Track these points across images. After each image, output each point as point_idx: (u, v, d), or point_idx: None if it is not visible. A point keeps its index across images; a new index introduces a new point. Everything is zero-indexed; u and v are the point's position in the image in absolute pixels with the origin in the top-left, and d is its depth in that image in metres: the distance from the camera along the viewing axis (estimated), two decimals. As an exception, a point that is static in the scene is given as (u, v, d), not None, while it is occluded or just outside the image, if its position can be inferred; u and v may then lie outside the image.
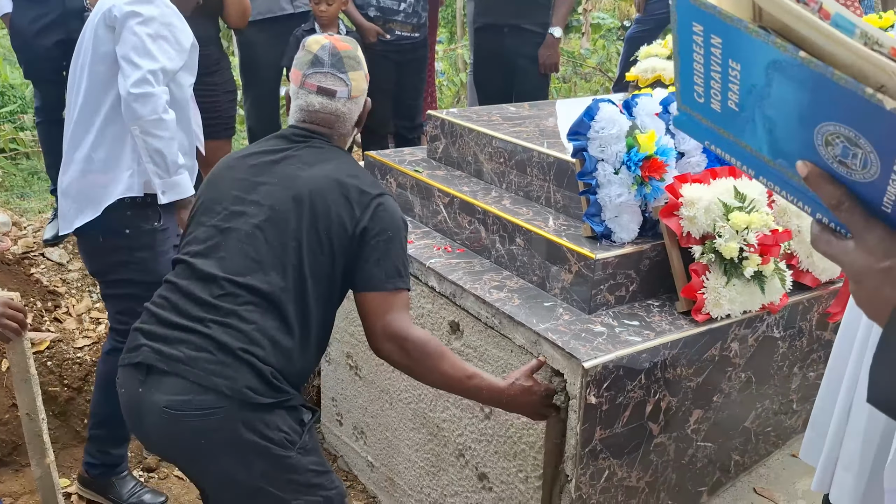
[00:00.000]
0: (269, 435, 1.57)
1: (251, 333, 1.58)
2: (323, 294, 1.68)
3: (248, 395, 1.55)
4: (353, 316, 2.59)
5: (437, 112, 2.72)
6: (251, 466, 1.57)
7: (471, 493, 2.17)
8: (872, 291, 0.63)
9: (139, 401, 1.60)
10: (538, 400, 1.72)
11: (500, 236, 2.18)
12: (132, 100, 2.15)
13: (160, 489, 2.68)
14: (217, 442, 1.55)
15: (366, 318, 1.69)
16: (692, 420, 2.00)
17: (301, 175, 1.70)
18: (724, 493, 2.18)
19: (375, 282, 1.66)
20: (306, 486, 1.64)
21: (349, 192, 1.68)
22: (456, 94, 7.60)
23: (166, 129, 2.21)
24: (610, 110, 1.94)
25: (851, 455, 1.63)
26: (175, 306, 1.63)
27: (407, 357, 1.66)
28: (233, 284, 1.61)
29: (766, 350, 2.11)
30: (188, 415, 1.53)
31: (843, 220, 0.64)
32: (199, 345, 1.57)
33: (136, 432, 1.70)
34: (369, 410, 2.63)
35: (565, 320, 1.90)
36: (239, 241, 1.65)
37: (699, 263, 1.90)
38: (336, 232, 1.66)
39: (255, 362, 1.57)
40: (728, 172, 2.00)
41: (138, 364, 1.60)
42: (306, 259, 1.64)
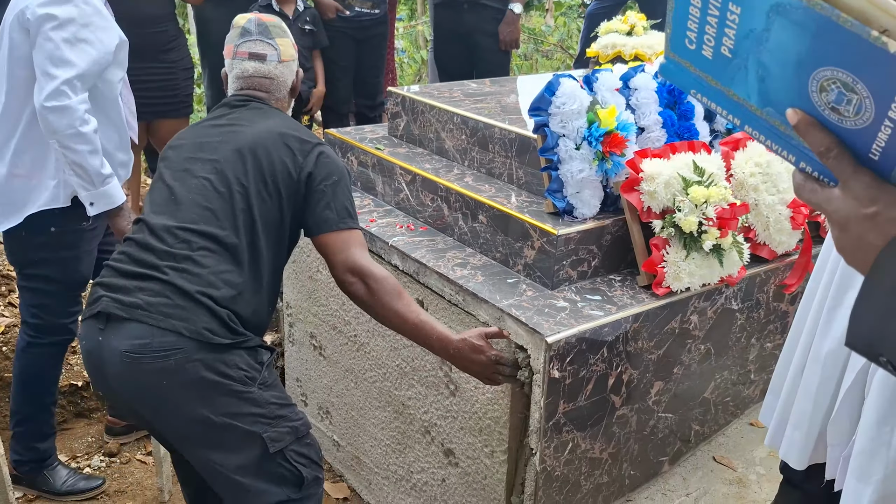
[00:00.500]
0: (229, 373, 1.63)
1: (207, 277, 1.65)
2: (273, 238, 1.77)
3: (207, 335, 1.61)
4: (316, 296, 2.57)
5: (399, 89, 2.70)
6: (213, 404, 1.63)
7: (437, 469, 2.18)
8: (857, 238, 0.64)
9: (100, 350, 1.63)
10: (486, 361, 1.70)
11: (463, 213, 2.17)
12: (47, 113, 2.04)
13: (123, 474, 2.65)
14: (178, 382, 1.60)
15: (329, 258, 1.78)
16: (653, 392, 2.03)
17: (243, 130, 1.81)
18: (685, 461, 2.23)
19: (330, 223, 1.77)
20: (272, 418, 1.70)
21: (290, 141, 1.80)
22: (417, 73, 7.54)
23: (86, 141, 2.09)
24: (571, 85, 1.94)
25: (802, 414, 1.71)
26: (132, 258, 1.70)
27: (368, 291, 1.73)
28: (186, 232, 1.69)
29: (725, 322, 2.15)
30: (148, 357, 1.58)
31: (831, 167, 0.64)
32: (157, 290, 1.63)
33: (99, 385, 1.73)
34: (334, 390, 2.62)
35: (528, 296, 1.91)
36: (189, 193, 1.74)
37: (659, 238, 1.92)
38: (281, 178, 1.76)
39: (211, 305, 1.63)
40: (687, 147, 2.02)
41: (98, 314, 1.64)
42: (255, 204, 1.74)
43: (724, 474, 2.18)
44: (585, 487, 1.97)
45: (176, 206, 1.73)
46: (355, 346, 2.43)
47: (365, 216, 2.36)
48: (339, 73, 4.06)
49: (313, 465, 1.78)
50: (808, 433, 1.71)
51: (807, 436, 1.71)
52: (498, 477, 1.94)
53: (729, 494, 2.11)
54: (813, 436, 1.71)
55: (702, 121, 2.21)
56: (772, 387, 1.86)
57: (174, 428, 1.71)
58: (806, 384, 1.71)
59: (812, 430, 1.70)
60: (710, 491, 2.12)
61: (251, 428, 1.66)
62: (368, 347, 2.36)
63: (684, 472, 2.20)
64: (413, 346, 2.15)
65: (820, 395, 1.67)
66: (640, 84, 2.11)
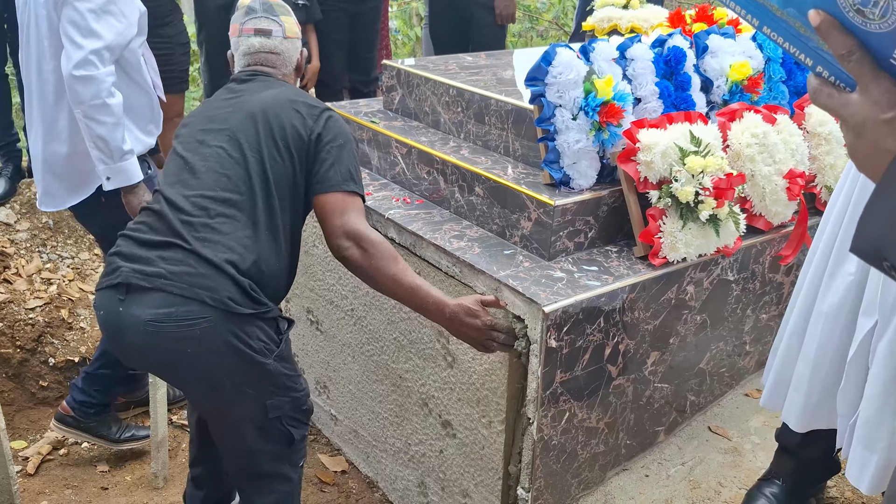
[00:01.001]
0: (250, 343, 1.68)
1: (227, 242, 1.68)
2: (288, 201, 1.80)
3: (230, 304, 1.64)
4: (312, 271, 2.57)
5: (393, 62, 2.68)
6: (231, 372, 1.68)
7: (435, 440, 2.20)
8: (872, 143, 0.63)
9: (119, 319, 1.66)
10: (481, 326, 1.70)
11: (460, 186, 2.17)
12: (74, 82, 2.06)
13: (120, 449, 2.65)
14: (201, 350, 1.64)
15: (325, 219, 1.78)
16: (649, 362, 2.04)
17: (251, 98, 1.86)
18: (681, 431, 2.25)
19: (332, 182, 1.78)
20: (280, 389, 1.77)
21: (299, 106, 1.84)
22: (412, 51, 7.49)
23: (110, 114, 2.11)
24: (567, 55, 1.93)
25: (801, 378, 1.74)
26: (151, 227, 1.72)
27: (363, 256, 1.73)
28: (204, 199, 1.72)
29: (721, 293, 2.16)
30: (171, 325, 1.61)
31: (851, 71, 0.64)
32: (180, 259, 1.65)
33: (119, 353, 1.78)
34: (331, 365, 2.63)
35: (525, 267, 1.91)
36: (204, 161, 1.77)
37: (656, 208, 1.92)
38: (293, 140, 1.79)
39: (233, 273, 1.66)
40: (684, 118, 2.02)
41: (118, 285, 1.65)
42: (269, 167, 1.77)
43: (719, 444, 2.20)
44: (582, 456, 1.98)
45: (191, 175, 1.76)
46: (352, 320, 2.43)
47: (361, 190, 2.36)
48: (332, 47, 4.03)
49: (302, 426, 1.87)
50: (807, 396, 1.73)
51: (806, 398, 1.74)
52: (495, 447, 1.96)
53: (724, 463, 2.13)
54: (812, 399, 1.74)
55: (698, 91, 2.20)
56: (772, 349, 1.89)
57: (188, 390, 1.80)
58: (805, 348, 1.73)
59: (811, 393, 1.73)
60: (706, 460, 2.14)
61: (259, 395, 1.74)
62: (366, 321, 2.37)
63: (680, 441, 2.21)
64: (410, 319, 2.16)
65: (819, 357, 1.70)
66: (636, 54, 2.10)
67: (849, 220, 1.59)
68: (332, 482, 2.56)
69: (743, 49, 2.30)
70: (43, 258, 3.21)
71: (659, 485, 2.06)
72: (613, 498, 2.03)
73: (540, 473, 1.89)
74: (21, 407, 2.78)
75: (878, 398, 1.51)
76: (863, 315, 1.58)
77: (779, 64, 2.38)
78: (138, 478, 2.55)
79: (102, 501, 2.43)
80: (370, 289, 2.27)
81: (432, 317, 1.74)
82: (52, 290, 3.07)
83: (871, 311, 1.55)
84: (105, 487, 2.49)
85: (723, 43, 2.25)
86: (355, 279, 2.34)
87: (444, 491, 2.21)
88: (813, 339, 1.70)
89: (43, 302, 3.02)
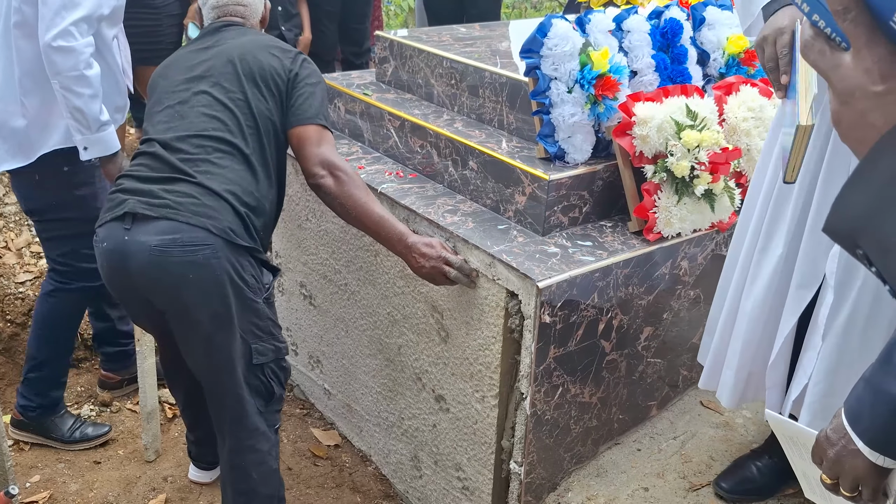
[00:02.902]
0: (245, 277, 1.78)
1: (227, 175, 1.80)
2: (273, 137, 1.91)
3: (231, 234, 1.75)
4: (305, 245, 2.55)
5: (386, 33, 2.64)
6: (227, 302, 1.76)
7: (428, 415, 2.20)
8: (858, 115, 0.58)
9: (125, 246, 1.73)
10: (435, 256, 1.81)
11: (453, 160, 2.15)
12: (53, 52, 2.02)
13: (113, 423, 2.66)
14: (201, 277, 1.72)
15: (301, 148, 1.89)
16: (643, 337, 2.04)
17: (227, 44, 1.97)
18: (673, 406, 2.26)
19: (308, 115, 1.90)
20: (265, 333, 1.87)
21: (273, 49, 1.97)
22: (404, 22, 7.40)
23: (88, 85, 2.07)
24: (563, 26, 1.90)
25: (733, 355, 1.80)
26: (151, 167, 1.81)
27: (336, 183, 1.84)
28: (200, 138, 1.82)
29: (715, 268, 2.15)
30: (177, 250, 1.70)
31: (846, 30, 0.57)
32: (185, 191, 1.75)
33: (119, 282, 1.81)
34: (325, 339, 2.62)
35: (519, 242, 1.89)
36: (193, 107, 1.86)
37: (651, 183, 1.91)
38: (273, 79, 1.91)
39: (234, 203, 1.77)
40: (680, 91, 2.00)
41: (124, 215, 1.74)
42: (254, 108, 1.88)
43: (711, 418, 2.21)
44: (575, 431, 1.99)
45: (182, 120, 1.85)
46: (346, 294, 2.42)
47: (353, 163, 2.33)
48: (324, 18, 3.97)
49: (281, 386, 1.96)
50: (737, 372, 1.79)
51: (736, 375, 1.80)
52: (489, 421, 1.96)
53: (716, 437, 2.14)
54: (742, 375, 1.80)
55: (695, 64, 2.18)
56: (707, 327, 1.93)
57: (184, 320, 1.80)
58: (737, 325, 1.78)
59: (742, 369, 1.78)
60: (698, 434, 2.15)
61: (246, 335, 1.82)
62: (359, 296, 2.36)
63: (672, 416, 2.22)
64: (404, 294, 2.15)
65: (749, 334, 1.75)
66: (632, 26, 2.07)
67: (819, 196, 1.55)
68: (326, 456, 2.57)
69: (739, 21, 2.27)
70: (32, 232, 3.18)
71: (651, 458, 2.07)
72: (606, 472, 2.04)
73: (533, 448, 1.90)
74: (12, 381, 2.77)
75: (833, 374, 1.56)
76: (800, 287, 1.61)
77: (776, 37, 2.35)
78: (130, 452, 2.55)
79: (95, 475, 2.44)
80: (364, 263, 2.27)
81: (394, 246, 1.84)
82: (42, 264, 3.04)
83: (808, 282, 1.59)
84: (97, 461, 2.49)
85: (720, 15, 2.22)
86: (349, 253, 2.33)
87: (437, 465, 2.22)
88: (743, 316, 1.74)
89: (33, 276, 3.00)
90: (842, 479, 0.98)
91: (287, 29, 3.97)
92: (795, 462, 1.20)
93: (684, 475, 2.01)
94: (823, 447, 0.99)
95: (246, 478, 1.92)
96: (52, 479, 2.41)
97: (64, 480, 2.40)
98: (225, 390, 1.86)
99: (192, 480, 2.41)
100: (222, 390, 1.87)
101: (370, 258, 2.24)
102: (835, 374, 1.57)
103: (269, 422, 1.95)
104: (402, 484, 2.41)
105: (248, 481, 1.93)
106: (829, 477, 0.99)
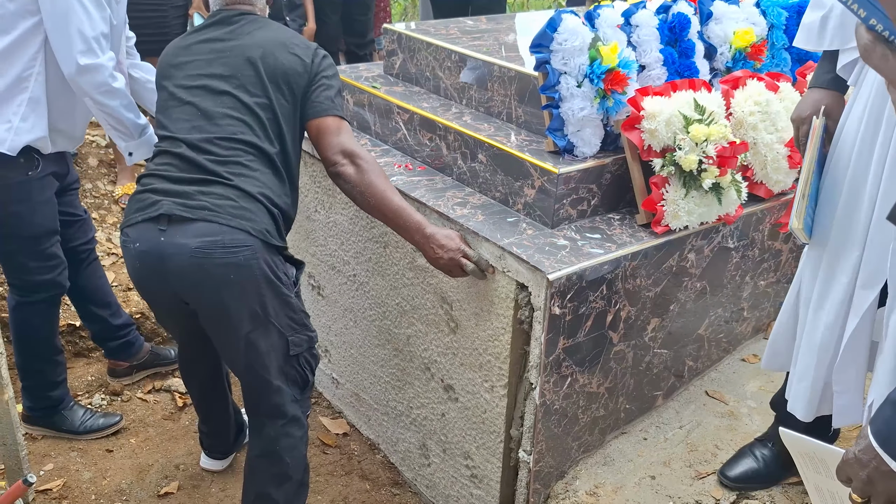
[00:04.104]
0: (279, 274, 1.83)
1: (260, 178, 1.83)
2: (293, 139, 1.94)
3: (267, 235, 1.79)
4: (314, 236, 2.58)
5: (394, 26, 2.66)
6: (264, 300, 1.80)
7: (437, 404, 2.23)
8: None
9: (161, 248, 1.75)
10: (453, 248, 1.83)
11: (462, 153, 2.17)
12: (81, 72, 2.04)
13: (124, 412, 2.69)
14: (243, 276, 1.76)
15: (321, 138, 1.91)
16: (650, 328, 2.07)
17: (246, 43, 1.94)
18: (679, 396, 2.29)
19: (325, 106, 1.92)
20: (299, 325, 1.91)
21: (293, 48, 1.94)
22: (403, 12, 7.39)
23: (119, 96, 2.14)
24: (573, 22, 1.92)
25: (806, 367, 1.71)
26: (179, 168, 1.82)
27: (357, 172, 1.86)
28: (229, 141, 1.83)
29: (721, 260, 2.18)
30: (219, 252, 1.73)
31: None
32: (221, 193, 1.77)
33: (153, 282, 1.84)
34: (333, 329, 2.65)
35: (529, 235, 1.92)
36: (217, 108, 1.86)
37: (659, 176, 1.93)
38: (294, 80, 1.91)
39: (269, 206, 1.82)
40: (688, 85, 2.02)
41: (158, 216, 1.76)
42: (278, 110, 1.89)
43: (716, 408, 2.24)
44: (583, 420, 2.02)
45: (208, 121, 1.85)
46: (354, 285, 2.45)
47: (363, 156, 2.35)
48: (328, 10, 3.99)
49: (312, 373, 2.01)
50: (813, 386, 1.71)
51: (812, 388, 1.71)
52: (497, 411, 1.99)
53: (721, 427, 2.17)
54: (818, 388, 1.70)
55: (702, 59, 2.19)
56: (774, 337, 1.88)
57: (223, 320, 1.82)
58: (809, 336, 1.70)
59: (817, 382, 1.70)
60: (703, 423, 2.19)
61: (283, 329, 1.86)
62: (368, 287, 2.38)
63: (678, 405, 2.25)
64: (413, 286, 2.17)
65: (823, 348, 1.67)
66: (641, 21, 2.08)
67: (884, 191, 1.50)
68: (334, 444, 2.60)
69: (746, 15, 2.29)
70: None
71: (657, 447, 2.10)
72: (613, 460, 2.07)
73: (541, 437, 1.93)
74: (24, 371, 2.79)
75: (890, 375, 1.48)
76: (863, 288, 1.56)
77: (782, 31, 2.37)
78: (142, 440, 2.58)
79: (108, 463, 2.47)
80: (373, 255, 2.29)
81: (411, 236, 1.86)
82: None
83: (872, 283, 1.53)
84: (110, 450, 2.52)
85: (727, 9, 2.24)
86: (358, 245, 2.36)
87: (445, 453, 2.25)
88: (816, 329, 1.66)
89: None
90: (874, 498, 1.00)
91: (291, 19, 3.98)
92: (808, 476, 1.21)
93: (690, 464, 2.05)
94: (853, 467, 1.01)
95: (279, 462, 1.96)
96: (66, 467, 2.44)
97: (77, 469, 2.44)
98: (264, 383, 1.89)
99: (204, 468, 2.44)
100: (261, 383, 1.90)
101: (379, 249, 2.27)
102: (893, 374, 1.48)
103: (304, 408, 2.00)
104: (411, 472, 2.45)
105: (281, 465, 1.96)
106: (859, 496, 1.02)
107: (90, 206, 3.43)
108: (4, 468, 2.18)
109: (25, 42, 2.07)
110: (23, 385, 2.47)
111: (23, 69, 2.08)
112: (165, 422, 2.67)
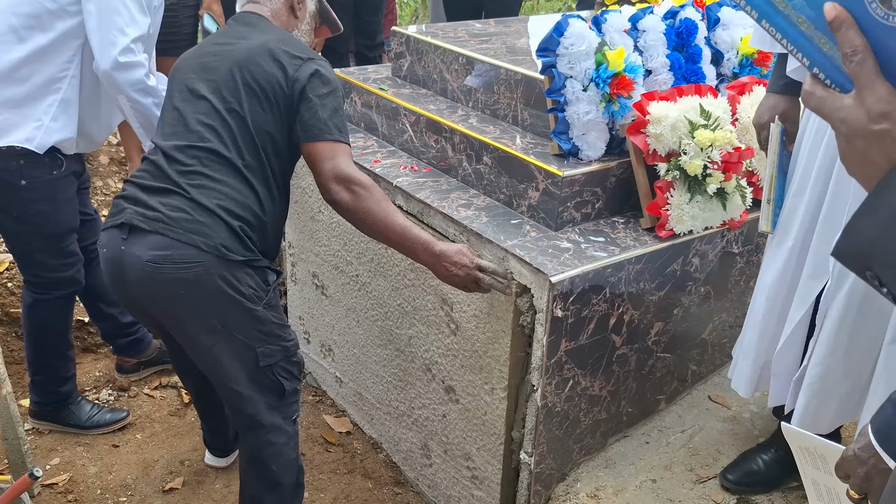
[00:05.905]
0: (241, 289, 1.77)
1: (221, 189, 1.77)
2: (275, 150, 1.86)
3: (222, 251, 1.73)
4: (318, 236, 2.59)
5: (403, 28, 2.67)
6: (223, 315, 1.77)
7: (438, 405, 2.24)
8: (861, 153, 0.62)
9: (121, 257, 1.75)
10: (468, 264, 1.76)
11: (468, 155, 2.18)
12: (118, 69, 2.08)
13: (131, 407, 2.71)
14: (194, 293, 1.73)
15: (315, 165, 1.83)
16: (653, 332, 2.07)
17: (237, 47, 1.89)
18: (681, 400, 2.29)
19: (317, 131, 1.82)
20: (270, 336, 1.85)
21: (279, 56, 1.86)
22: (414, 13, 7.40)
23: (153, 94, 2.17)
24: (579, 26, 1.92)
25: (749, 345, 1.86)
26: (152, 175, 1.81)
27: (353, 198, 1.78)
28: (194, 149, 1.79)
29: (725, 265, 2.18)
30: (169, 266, 1.70)
31: (851, 72, 0.61)
32: (177, 206, 1.74)
33: (118, 288, 1.84)
34: (336, 328, 2.67)
35: (532, 237, 1.93)
36: (194, 114, 1.83)
37: (664, 180, 1.94)
38: (273, 91, 1.83)
39: (227, 219, 1.75)
40: (694, 90, 2.02)
41: (121, 224, 1.75)
42: (250, 120, 1.82)
43: (718, 412, 2.25)
44: (584, 423, 2.03)
45: (184, 128, 1.83)
46: (357, 285, 2.46)
47: (368, 157, 2.37)
48: (337, 11, 3.98)
49: (294, 380, 1.96)
50: (754, 362, 1.88)
51: (753, 365, 1.88)
52: (498, 413, 2.00)
53: (723, 431, 2.17)
54: (759, 364, 1.88)
55: (709, 64, 2.20)
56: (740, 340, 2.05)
57: (184, 333, 1.84)
58: (752, 317, 1.87)
59: (758, 358, 1.87)
60: (705, 428, 2.19)
61: (250, 342, 1.82)
62: (370, 287, 2.40)
63: (680, 409, 2.26)
64: (415, 287, 2.18)
65: (765, 324, 1.83)
66: (648, 26, 2.09)
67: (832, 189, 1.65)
68: (338, 442, 2.62)
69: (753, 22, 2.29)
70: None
71: (659, 451, 2.11)
72: (614, 463, 2.07)
73: (543, 439, 1.94)
74: (31, 365, 2.82)
75: (829, 357, 1.65)
76: (810, 278, 1.68)
77: (789, 37, 2.37)
78: (148, 436, 2.60)
79: (114, 458, 2.49)
80: (375, 255, 2.31)
81: (419, 256, 1.79)
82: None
83: (818, 273, 1.66)
84: (116, 445, 2.55)
85: (734, 15, 2.24)
86: (361, 245, 2.37)
87: (446, 454, 2.26)
88: (759, 307, 1.82)
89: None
90: (871, 495, 1.02)
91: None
92: (806, 471, 1.23)
93: (691, 468, 2.05)
94: (852, 465, 1.03)
95: (266, 469, 1.96)
96: (72, 461, 2.46)
97: (83, 463, 2.46)
98: (233, 394, 1.88)
99: (208, 465, 2.46)
100: (229, 394, 1.89)
101: (381, 250, 2.28)
102: (831, 357, 1.65)
103: (285, 414, 1.95)
104: (413, 471, 2.46)
105: (269, 472, 1.96)
106: (857, 493, 1.04)
107: (101, 204, 3.46)
108: (8, 463, 2.21)
109: (63, 44, 2.11)
110: (32, 380, 2.49)
111: (58, 70, 2.13)
112: (171, 418, 2.69)
